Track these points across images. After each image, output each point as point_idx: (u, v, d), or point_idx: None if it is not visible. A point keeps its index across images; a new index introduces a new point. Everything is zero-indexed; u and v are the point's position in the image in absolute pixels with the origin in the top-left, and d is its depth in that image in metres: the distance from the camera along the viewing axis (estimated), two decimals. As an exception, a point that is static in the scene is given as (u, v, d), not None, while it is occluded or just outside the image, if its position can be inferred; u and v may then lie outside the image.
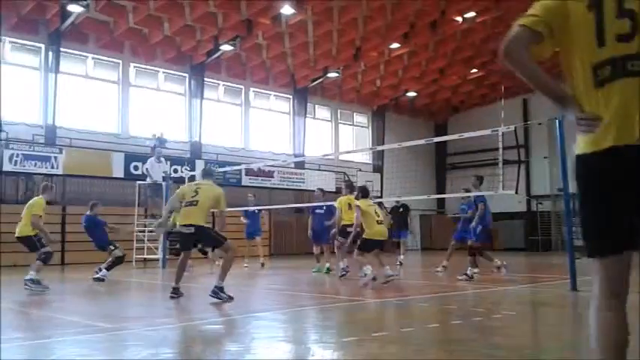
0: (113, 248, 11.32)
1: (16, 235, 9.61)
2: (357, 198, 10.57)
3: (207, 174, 8.48)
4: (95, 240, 11.65)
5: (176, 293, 7.91)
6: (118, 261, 11.32)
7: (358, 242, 10.05)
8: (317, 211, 13.65)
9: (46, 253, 9.43)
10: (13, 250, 12.69)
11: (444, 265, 12.64)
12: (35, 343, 5.12)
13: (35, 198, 9.93)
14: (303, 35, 21.61)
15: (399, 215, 15.73)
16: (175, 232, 10.61)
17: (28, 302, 8.17)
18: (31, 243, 9.47)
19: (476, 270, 10.71)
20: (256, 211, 15.39)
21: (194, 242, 8.33)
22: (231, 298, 7.51)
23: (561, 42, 2.41)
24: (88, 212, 12.03)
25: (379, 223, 9.97)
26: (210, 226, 7.52)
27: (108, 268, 11.13)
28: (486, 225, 11.20)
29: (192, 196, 7.78)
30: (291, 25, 20.67)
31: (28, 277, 9.12)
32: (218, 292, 7.49)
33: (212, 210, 8.41)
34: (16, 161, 17.29)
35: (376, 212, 10.05)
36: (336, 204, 11.85)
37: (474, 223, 11.00)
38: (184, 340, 5.39)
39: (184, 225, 7.73)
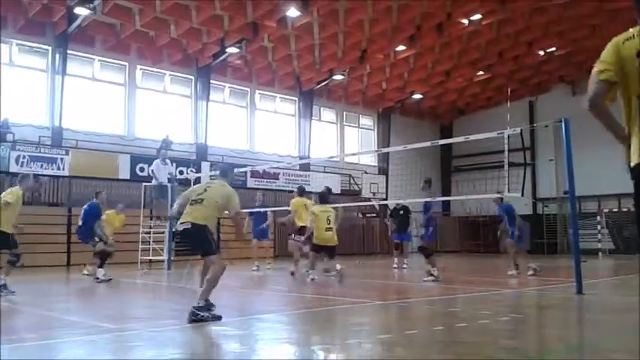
0: (98, 241, 11.09)
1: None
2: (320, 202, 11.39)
3: (222, 174, 7.51)
4: (84, 229, 11.26)
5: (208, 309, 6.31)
6: (104, 255, 11.10)
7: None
8: None
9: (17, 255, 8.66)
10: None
11: (517, 271, 12.32)
12: (41, 344, 5.13)
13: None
14: (309, 37, 21.62)
15: (400, 217, 15.66)
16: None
17: (34, 303, 8.20)
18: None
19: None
20: (262, 211, 15.33)
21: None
22: (218, 318, 6.11)
23: (620, 82, 3.07)
24: (94, 200, 11.84)
25: (328, 230, 10.76)
26: (213, 230, 6.69)
27: (100, 266, 10.94)
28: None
29: (199, 194, 6.77)
30: (296, 28, 20.69)
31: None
32: (197, 312, 6.01)
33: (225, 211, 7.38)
34: (22, 162, 17.36)
35: (328, 219, 10.81)
36: (290, 207, 12.46)
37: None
38: (189, 341, 5.39)
39: (182, 222, 6.58)
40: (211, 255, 6.43)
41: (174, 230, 10.68)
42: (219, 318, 6.08)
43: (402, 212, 15.79)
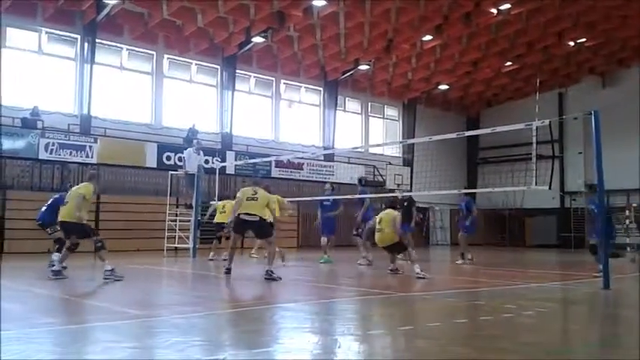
0: (58, 229, 10.22)
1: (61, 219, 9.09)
2: None
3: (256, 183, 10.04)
4: (48, 214, 10.58)
5: (229, 272, 9.62)
6: (61, 243, 10.38)
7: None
8: (324, 203, 14.09)
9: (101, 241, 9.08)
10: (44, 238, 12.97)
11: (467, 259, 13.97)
12: (66, 329, 5.23)
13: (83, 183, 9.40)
14: (335, 27, 21.52)
15: (403, 209, 15.53)
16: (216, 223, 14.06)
17: (61, 288, 8.36)
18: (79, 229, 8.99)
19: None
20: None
21: (248, 229, 9.89)
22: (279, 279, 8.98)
23: None
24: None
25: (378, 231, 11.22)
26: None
27: (59, 250, 10.18)
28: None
29: (252, 194, 9.58)
30: (322, 17, 20.59)
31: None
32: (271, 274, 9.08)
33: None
34: (52, 150, 17.68)
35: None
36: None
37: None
38: (213, 328, 5.45)
39: (247, 214, 9.40)
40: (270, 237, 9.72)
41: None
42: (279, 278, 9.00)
43: (405, 203, 15.61)
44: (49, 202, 10.67)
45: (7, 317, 5.49)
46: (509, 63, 26.20)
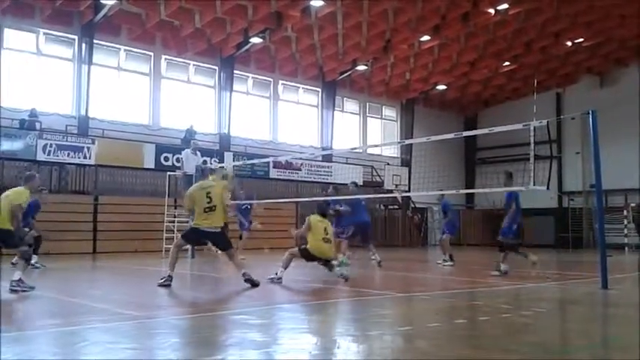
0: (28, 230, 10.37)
1: None
2: None
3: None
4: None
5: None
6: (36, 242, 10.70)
7: None
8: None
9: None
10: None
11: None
12: (65, 330, 5.23)
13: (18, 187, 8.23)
14: (333, 27, 21.54)
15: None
16: None
17: (59, 289, 8.36)
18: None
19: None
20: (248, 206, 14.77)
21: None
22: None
23: None
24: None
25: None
26: None
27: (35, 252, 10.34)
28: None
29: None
30: (320, 17, 20.62)
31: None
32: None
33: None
34: (49, 151, 17.64)
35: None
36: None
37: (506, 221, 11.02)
38: (211, 329, 5.44)
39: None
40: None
41: None
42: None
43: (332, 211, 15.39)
44: None
45: (7, 319, 5.48)
46: (507, 63, 26.25)
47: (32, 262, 10.23)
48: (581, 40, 24.31)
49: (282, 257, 9.22)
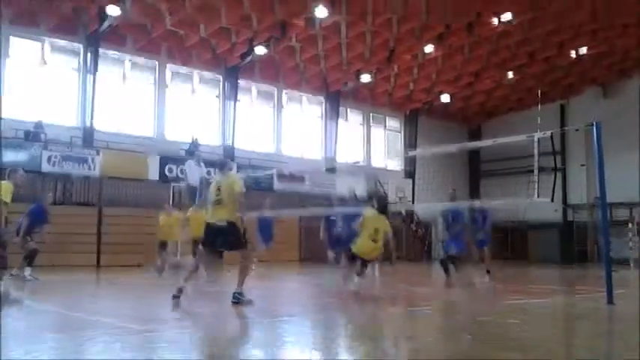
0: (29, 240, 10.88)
1: None
2: None
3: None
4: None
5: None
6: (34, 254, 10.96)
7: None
8: (331, 218, 13.19)
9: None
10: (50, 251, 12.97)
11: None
12: (67, 344, 5.20)
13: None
14: (337, 37, 21.57)
15: None
16: None
17: (62, 303, 8.33)
18: None
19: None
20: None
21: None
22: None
23: None
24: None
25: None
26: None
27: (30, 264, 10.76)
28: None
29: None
30: (324, 27, 20.67)
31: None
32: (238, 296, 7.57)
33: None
34: (54, 162, 17.66)
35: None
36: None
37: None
38: (213, 343, 5.41)
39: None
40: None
41: None
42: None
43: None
44: None
45: (8, 334, 5.46)
46: (510, 76, 26.09)
47: (25, 274, 10.34)
48: (584, 50, 24.25)
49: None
